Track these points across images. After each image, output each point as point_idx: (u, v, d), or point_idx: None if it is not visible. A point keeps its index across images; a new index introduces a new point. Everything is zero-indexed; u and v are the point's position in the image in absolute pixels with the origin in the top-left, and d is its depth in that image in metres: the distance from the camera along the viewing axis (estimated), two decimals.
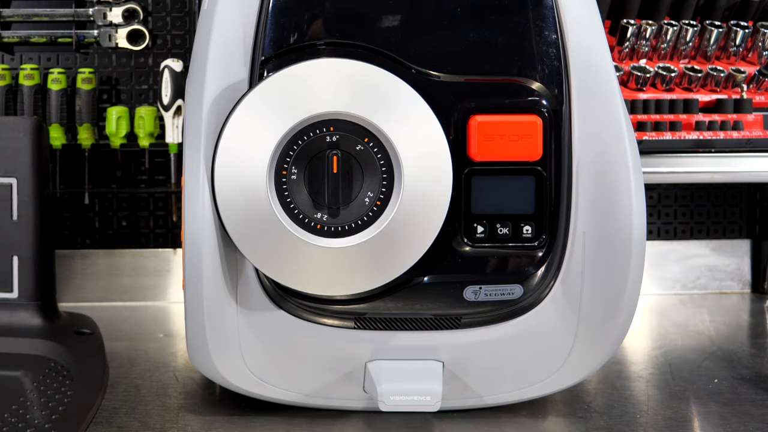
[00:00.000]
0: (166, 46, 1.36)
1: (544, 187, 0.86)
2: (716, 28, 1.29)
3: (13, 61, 1.36)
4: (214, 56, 0.86)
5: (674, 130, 1.26)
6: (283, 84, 0.82)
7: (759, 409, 0.95)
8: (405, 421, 0.91)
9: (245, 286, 0.88)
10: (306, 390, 0.91)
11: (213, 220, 0.84)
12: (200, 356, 0.89)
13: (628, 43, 1.27)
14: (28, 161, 1.15)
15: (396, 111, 0.83)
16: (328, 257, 0.83)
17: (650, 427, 0.91)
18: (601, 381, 1.03)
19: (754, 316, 1.33)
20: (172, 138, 1.32)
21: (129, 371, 1.05)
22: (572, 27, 0.88)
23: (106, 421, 0.90)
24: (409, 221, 0.83)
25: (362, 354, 0.90)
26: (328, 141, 0.83)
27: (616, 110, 0.88)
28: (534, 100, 0.86)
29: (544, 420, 0.92)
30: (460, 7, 0.86)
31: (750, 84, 1.30)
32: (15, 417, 0.90)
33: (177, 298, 1.34)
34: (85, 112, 1.32)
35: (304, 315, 0.89)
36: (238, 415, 0.92)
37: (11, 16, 1.34)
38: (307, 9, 0.86)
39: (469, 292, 0.88)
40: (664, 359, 1.11)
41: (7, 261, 1.15)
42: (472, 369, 0.91)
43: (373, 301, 0.87)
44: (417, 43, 0.86)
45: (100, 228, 1.38)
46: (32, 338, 1.10)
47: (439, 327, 0.89)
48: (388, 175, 0.83)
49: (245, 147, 0.82)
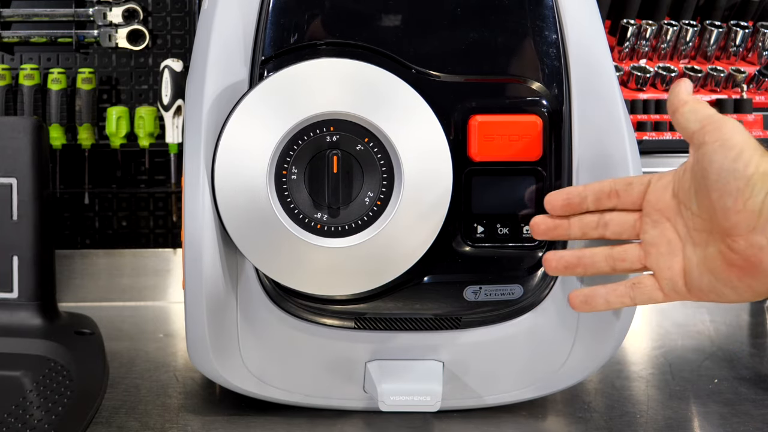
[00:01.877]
0: (166, 46, 1.36)
1: (544, 187, 0.86)
2: (716, 28, 1.29)
3: (13, 61, 1.36)
4: (214, 56, 0.86)
5: (674, 130, 1.26)
6: (283, 84, 0.82)
7: (759, 409, 0.95)
8: (405, 421, 0.91)
9: (245, 286, 0.88)
10: (306, 390, 0.91)
11: (213, 220, 0.84)
12: (200, 356, 0.89)
13: (628, 43, 1.27)
14: (28, 161, 1.15)
15: (396, 111, 0.83)
16: (328, 257, 0.83)
17: (650, 427, 0.91)
18: (601, 381, 1.03)
19: (754, 316, 1.33)
20: (172, 138, 1.32)
21: (129, 371, 1.05)
22: (572, 27, 0.88)
23: (106, 421, 0.90)
24: (409, 221, 0.83)
25: (362, 354, 0.90)
26: (328, 141, 0.83)
27: (616, 110, 0.88)
28: (534, 100, 0.86)
29: (544, 420, 0.92)
30: (460, 7, 0.86)
31: (750, 84, 1.30)
32: (15, 417, 0.90)
33: (177, 298, 1.34)
34: (85, 112, 1.32)
35: (304, 315, 0.89)
36: (238, 415, 0.92)
37: (11, 16, 1.34)
38: (307, 9, 0.86)
39: (469, 292, 0.88)
40: (664, 359, 1.11)
41: (7, 261, 1.15)
42: (472, 369, 0.91)
43: (373, 301, 0.87)
44: (417, 43, 0.86)
45: (100, 228, 1.38)
46: (32, 338, 1.10)
47: (439, 327, 0.89)
48: (388, 175, 0.83)
49: (245, 147, 0.82)
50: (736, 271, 0.74)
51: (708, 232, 0.76)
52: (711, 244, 0.76)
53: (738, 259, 0.73)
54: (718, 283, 0.76)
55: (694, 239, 0.78)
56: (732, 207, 0.72)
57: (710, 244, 0.76)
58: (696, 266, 0.77)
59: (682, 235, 0.78)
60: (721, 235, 0.74)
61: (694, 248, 0.78)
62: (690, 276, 0.78)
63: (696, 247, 0.77)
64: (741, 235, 0.72)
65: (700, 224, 0.77)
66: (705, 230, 0.76)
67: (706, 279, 0.77)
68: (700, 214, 0.77)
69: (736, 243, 0.73)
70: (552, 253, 0.85)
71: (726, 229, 0.73)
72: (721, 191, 0.72)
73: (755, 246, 0.72)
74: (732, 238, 0.73)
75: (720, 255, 0.75)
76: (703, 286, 0.77)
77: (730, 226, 0.73)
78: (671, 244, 0.79)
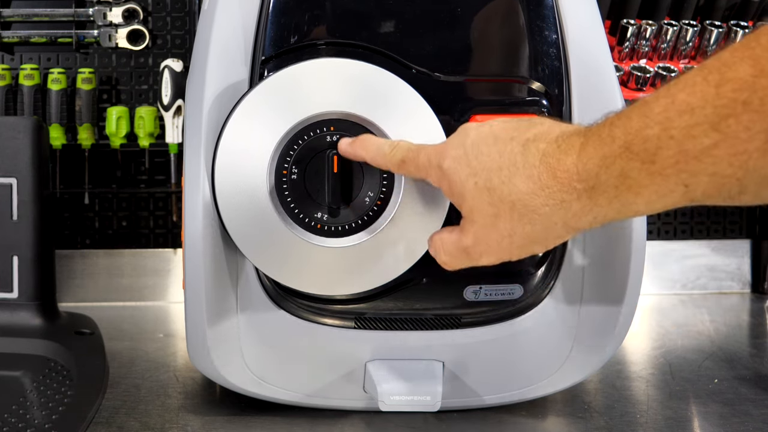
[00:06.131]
0: (166, 46, 1.36)
1: None
2: (716, 28, 1.29)
3: (13, 61, 1.36)
4: (214, 56, 0.86)
5: None
6: (284, 84, 0.82)
7: (759, 409, 0.95)
8: (405, 421, 0.91)
9: (245, 286, 0.88)
10: (306, 390, 0.91)
11: (213, 220, 0.84)
12: (200, 356, 0.88)
13: (628, 43, 1.27)
14: (28, 161, 1.15)
15: (396, 111, 0.83)
16: (328, 257, 0.83)
17: (650, 427, 0.91)
18: (601, 381, 1.03)
19: (754, 316, 1.33)
20: (172, 138, 1.32)
21: (129, 371, 1.05)
22: (572, 27, 0.88)
23: (106, 421, 0.90)
24: (409, 221, 0.83)
25: (362, 354, 0.90)
26: (328, 141, 0.83)
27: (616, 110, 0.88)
28: (534, 99, 0.86)
29: (544, 420, 0.92)
30: (460, 7, 0.86)
31: None
32: (15, 417, 0.90)
33: (177, 298, 1.34)
34: (85, 112, 1.32)
35: (304, 315, 0.89)
36: (238, 415, 0.92)
37: (11, 16, 1.34)
38: (307, 9, 0.86)
39: (469, 292, 0.88)
40: (664, 359, 1.11)
41: (7, 261, 1.15)
42: (472, 369, 0.91)
43: (373, 301, 0.87)
44: (417, 43, 0.86)
45: (100, 228, 1.38)
46: (32, 338, 1.10)
47: (439, 327, 0.89)
48: (388, 175, 0.83)
49: (245, 147, 0.82)
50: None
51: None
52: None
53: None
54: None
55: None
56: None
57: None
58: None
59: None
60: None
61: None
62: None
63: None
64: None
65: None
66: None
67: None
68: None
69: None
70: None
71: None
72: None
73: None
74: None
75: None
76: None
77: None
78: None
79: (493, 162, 0.71)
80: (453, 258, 0.77)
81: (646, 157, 0.62)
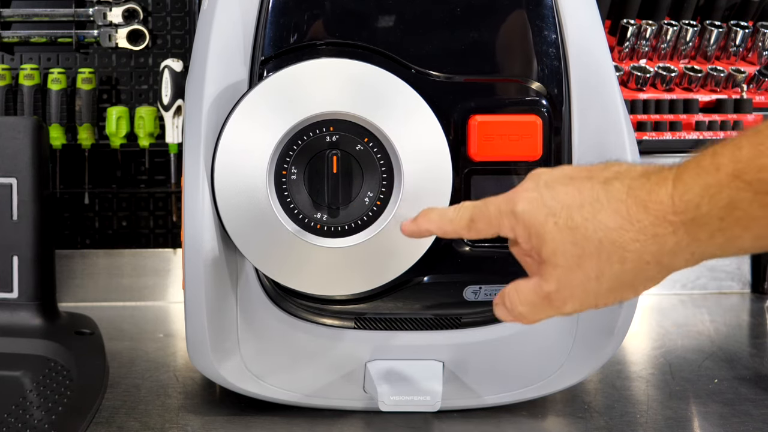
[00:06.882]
0: (166, 46, 1.36)
1: None
2: (716, 28, 1.29)
3: (13, 61, 1.36)
4: (214, 56, 0.86)
5: (674, 130, 1.26)
6: (283, 84, 0.82)
7: (759, 409, 0.95)
8: (405, 421, 0.91)
9: (245, 286, 0.88)
10: (306, 390, 0.91)
11: (213, 220, 0.84)
12: (200, 356, 0.89)
13: (628, 43, 1.27)
14: (28, 161, 1.15)
15: (396, 111, 0.83)
16: (327, 257, 0.83)
17: (650, 427, 0.91)
18: (601, 381, 1.03)
19: (754, 316, 1.33)
20: (172, 138, 1.32)
21: (129, 371, 1.05)
22: (572, 27, 0.88)
23: (106, 421, 0.90)
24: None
25: (362, 354, 0.90)
26: (328, 141, 0.83)
27: (616, 110, 0.88)
28: (534, 99, 0.86)
29: (544, 420, 0.92)
30: (460, 7, 0.86)
31: (750, 84, 1.30)
32: (15, 417, 0.90)
33: (177, 298, 1.34)
34: (85, 112, 1.32)
35: (304, 315, 0.89)
36: (238, 415, 0.92)
37: (11, 16, 1.34)
38: (307, 9, 0.86)
39: (469, 292, 0.88)
40: (664, 359, 1.11)
41: (7, 261, 1.15)
42: (472, 369, 0.91)
43: (373, 301, 0.87)
44: (417, 43, 0.86)
45: (100, 228, 1.38)
46: (32, 338, 1.10)
47: (439, 327, 0.89)
48: (388, 175, 0.83)
49: (245, 147, 0.82)
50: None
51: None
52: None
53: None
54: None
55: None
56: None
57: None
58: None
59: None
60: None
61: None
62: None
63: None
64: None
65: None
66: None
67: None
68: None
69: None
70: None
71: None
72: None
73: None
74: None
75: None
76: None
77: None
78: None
79: (573, 199, 0.66)
80: (533, 308, 0.69)
81: (759, 187, 0.58)
